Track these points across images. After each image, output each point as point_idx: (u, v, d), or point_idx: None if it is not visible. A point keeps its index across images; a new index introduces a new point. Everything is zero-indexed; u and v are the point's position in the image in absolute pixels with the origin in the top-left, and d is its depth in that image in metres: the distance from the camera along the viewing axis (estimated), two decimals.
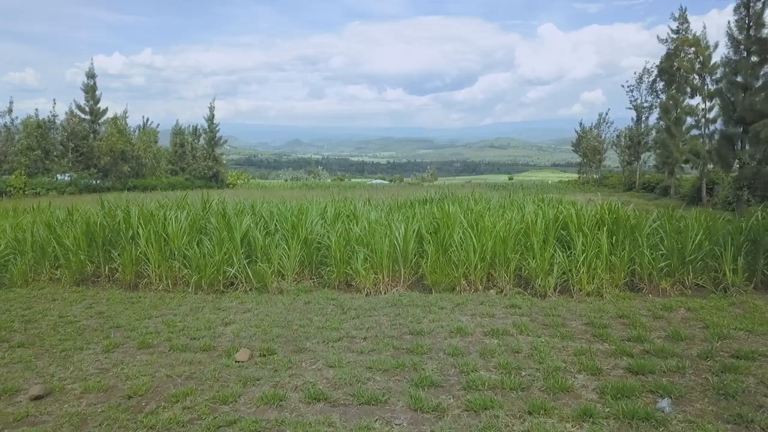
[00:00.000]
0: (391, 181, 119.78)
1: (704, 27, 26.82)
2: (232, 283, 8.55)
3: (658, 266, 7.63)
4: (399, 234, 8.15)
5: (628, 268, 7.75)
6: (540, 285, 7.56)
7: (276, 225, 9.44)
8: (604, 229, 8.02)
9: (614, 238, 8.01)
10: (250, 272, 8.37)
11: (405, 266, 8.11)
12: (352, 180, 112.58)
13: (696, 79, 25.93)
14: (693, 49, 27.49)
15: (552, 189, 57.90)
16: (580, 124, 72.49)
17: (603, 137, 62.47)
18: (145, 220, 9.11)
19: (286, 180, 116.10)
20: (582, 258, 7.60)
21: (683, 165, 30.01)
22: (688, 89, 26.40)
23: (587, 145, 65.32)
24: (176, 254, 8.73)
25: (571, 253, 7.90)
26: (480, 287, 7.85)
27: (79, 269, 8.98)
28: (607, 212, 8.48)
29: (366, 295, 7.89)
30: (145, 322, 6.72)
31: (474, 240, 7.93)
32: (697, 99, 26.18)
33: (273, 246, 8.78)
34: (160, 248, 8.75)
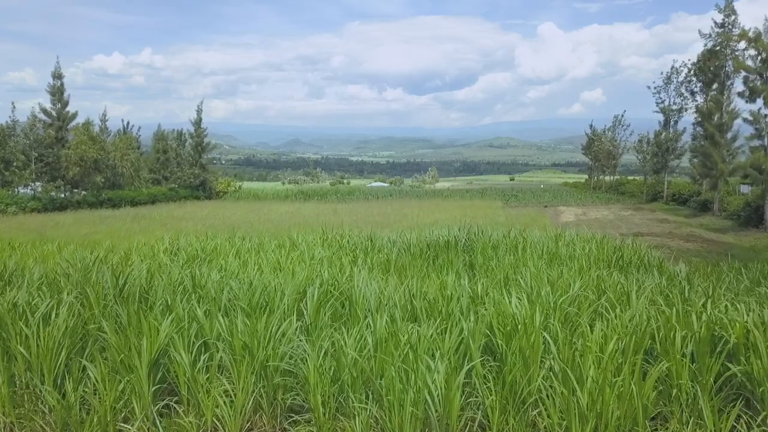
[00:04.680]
0: (391, 183, 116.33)
1: (766, 19, 22.99)
2: None
3: None
4: (433, 380, 4.33)
5: None
6: None
7: (219, 325, 5.58)
8: None
9: None
10: None
11: None
12: (352, 183, 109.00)
13: (758, 80, 22.19)
14: (743, 44, 23.68)
15: (566, 195, 54.07)
16: (591, 126, 68.56)
17: (618, 141, 58.57)
18: None
19: (283, 183, 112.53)
20: None
21: (729, 178, 26.12)
22: (747, 92, 22.63)
23: (600, 149, 61.46)
24: (42, 390, 5.00)
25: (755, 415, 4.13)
26: None
27: None
28: None
29: None
30: None
31: (579, 392, 4.13)
32: (759, 103, 22.40)
33: (211, 374, 5.00)
34: (12, 378, 5.02)
